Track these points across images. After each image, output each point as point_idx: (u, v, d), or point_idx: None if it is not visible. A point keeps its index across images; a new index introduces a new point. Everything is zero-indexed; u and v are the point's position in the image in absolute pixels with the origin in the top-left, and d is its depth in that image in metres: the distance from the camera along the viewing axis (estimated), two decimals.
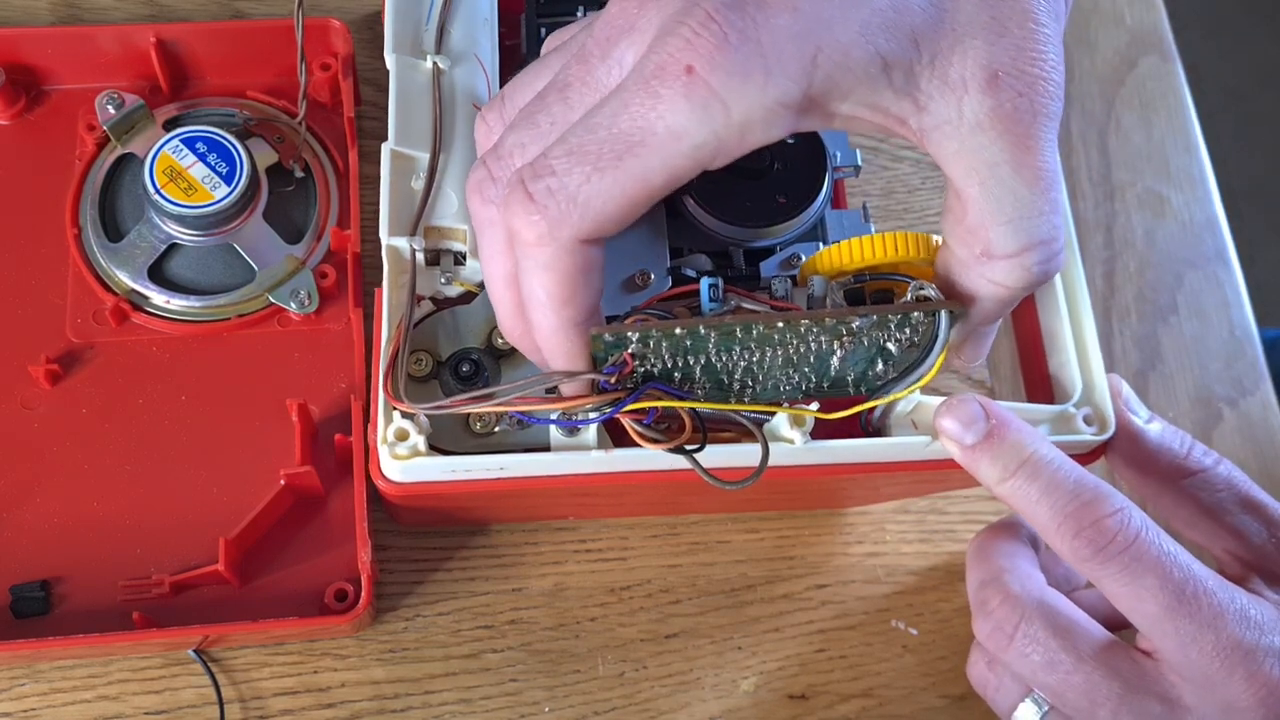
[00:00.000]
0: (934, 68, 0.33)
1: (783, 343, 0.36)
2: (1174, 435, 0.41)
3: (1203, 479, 0.41)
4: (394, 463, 0.40)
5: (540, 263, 0.34)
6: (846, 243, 0.39)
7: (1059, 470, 0.37)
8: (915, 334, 0.36)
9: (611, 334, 0.35)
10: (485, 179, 0.36)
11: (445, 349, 0.42)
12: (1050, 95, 0.34)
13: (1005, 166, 0.34)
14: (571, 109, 0.34)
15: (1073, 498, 0.37)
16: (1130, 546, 0.36)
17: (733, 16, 0.31)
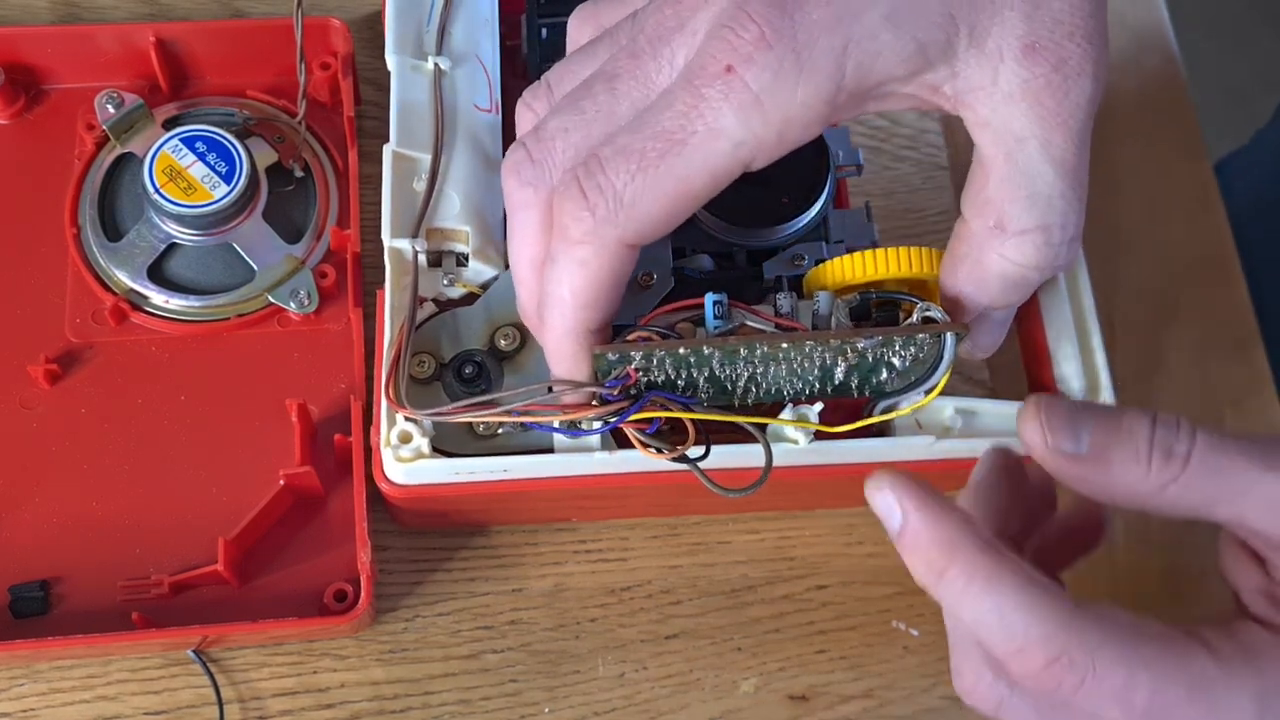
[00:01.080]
0: (972, 38, 0.33)
1: (787, 359, 0.36)
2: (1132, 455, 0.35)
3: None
4: (397, 465, 0.40)
5: (577, 259, 0.34)
6: (852, 256, 0.39)
7: (977, 604, 0.33)
8: (920, 350, 0.36)
9: (615, 353, 0.35)
10: (524, 160, 0.35)
11: (448, 351, 0.42)
12: (1085, 73, 0.33)
13: (1033, 142, 0.34)
14: (618, 100, 0.34)
15: (1003, 639, 0.33)
16: (1078, 691, 0.33)
17: (771, 15, 0.32)
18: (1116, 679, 0.33)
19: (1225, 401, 0.56)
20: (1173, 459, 0.34)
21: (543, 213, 0.35)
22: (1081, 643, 0.33)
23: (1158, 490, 0.34)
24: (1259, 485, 0.34)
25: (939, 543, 0.34)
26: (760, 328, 0.37)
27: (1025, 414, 0.35)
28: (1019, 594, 0.33)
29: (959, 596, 0.34)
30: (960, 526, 0.34)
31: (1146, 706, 0.33)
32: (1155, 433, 0.34)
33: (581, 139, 0.34)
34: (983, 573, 0.33)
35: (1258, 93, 1.55)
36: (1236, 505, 0.34)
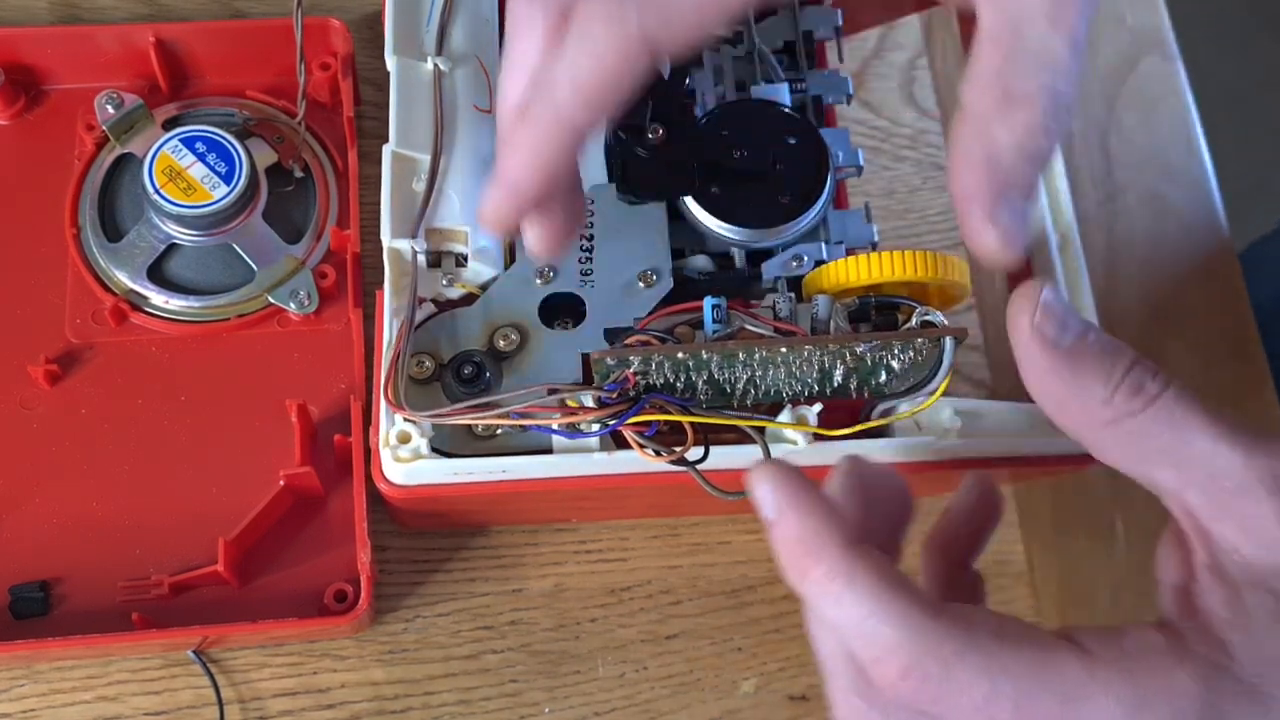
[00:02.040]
0: None
1: (785, 362, 0.36)
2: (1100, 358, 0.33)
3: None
4: (396, 465, 0.39)
5: (592, 45, 0.32)
6: (851, 260, 0.39)
7: (838, 606, 0.32)
8: (919, 354, 0.36)
9: (614, 357, 0.35)
10: None
11: (447, 351, 0.42)
12: None
13: (1041, 17, 0.32)
14: None
15: (861, 645, 0.32)
16: (936, 703, 0.31)
17: None
18: (977, 691, 0.31)
19: (1225, 401, 0.56)
20: (1139, 394, 0.32)
21: (548, 27, 0.33)
22: (936, 651, 0.31)
23: (1112, 421, 0.32)
24: (1209, 457, 0.31)
25: (805, 539, 0.32)
26: (759, 332, 0.37)
27: (1021, 293, 0.33)
28: (876, 596, 0.31)
29: (820, 597, 0.32)
30: (826, 523, 0.33)
31: (1012, 719, 0.31)
32: (1134, 365, 0.32)
33: None
34: (843, 572, 0.32)
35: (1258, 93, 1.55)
36: (1181, 471, 0.32)
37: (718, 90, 0.47)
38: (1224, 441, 0.31)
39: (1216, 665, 0.30)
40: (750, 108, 0.45)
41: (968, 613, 0.32)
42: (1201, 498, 0.32)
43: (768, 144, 0.43)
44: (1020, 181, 0.33)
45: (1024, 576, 0.52)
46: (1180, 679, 0.30)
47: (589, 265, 0.42)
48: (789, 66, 0.48)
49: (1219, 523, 0.32)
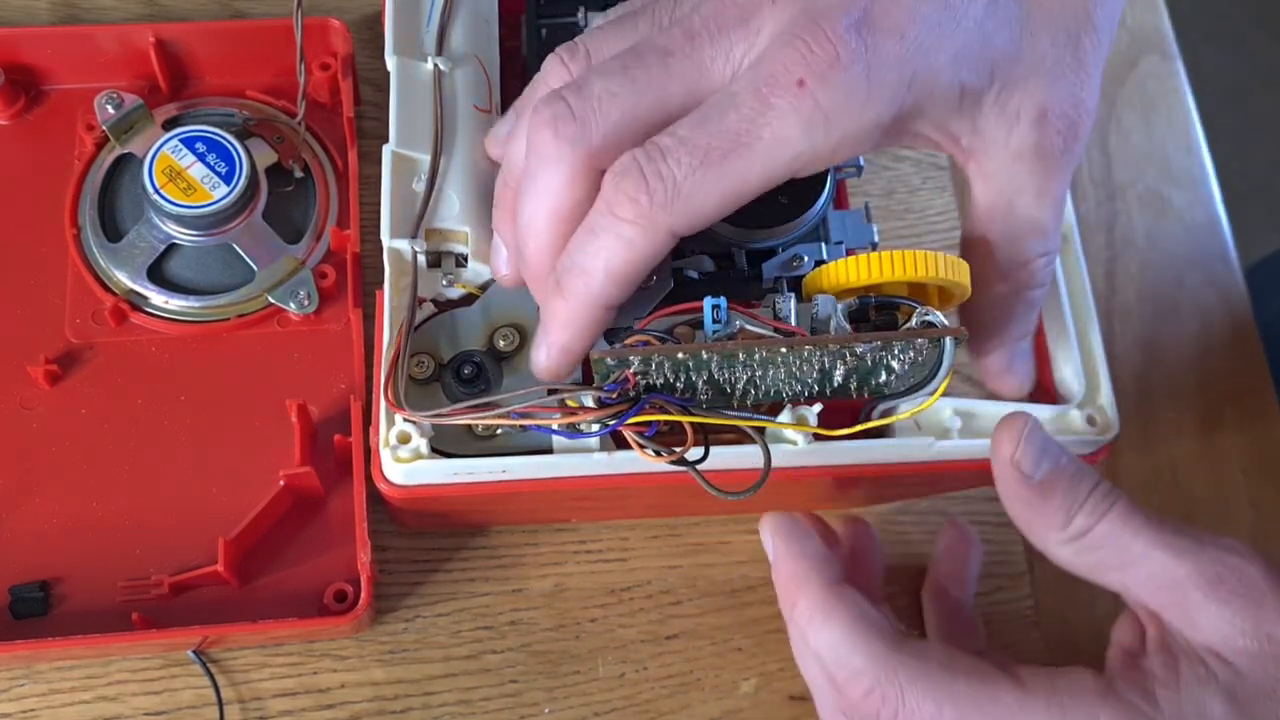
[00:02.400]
0: (998, 98, 0.36)
1: (785, 363, 0.36)
2: (1066, 483, 0.38)
3: None
4: (396, 466, 0.39)
5: (623, 237, 0.34)
6: (853, 259, 0.39)
7: (818, 634, 0.39)
8: (920, 354, 0.36)
9: (614, 357, 0.35)
10: (565, 114, 0.35)
11: (447, 351, 0.42)
12: (1082, 140, 0.37)
13: (1029, 192, 0.37)
14: (671, 77, 0.35)
15: (833, 668, 0.39)
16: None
17: (848, 38, 0.33)
18: (925, 712, 0.37)
19: (1225, 401, 0.56)
20: (1091, 516, 0.37)
21: (575, 170, 0.35)
22: (892, 676, 0.37)
23: (1062, 544, 0.38)
24: (1144, 560, 0.37)
25: (793, 578, 0.40)
26: (759, 332, 0.37)
27: (1008, 422, 0.39)
28: (847, 629, 0.38)
29: (804, 626, 0.39)
30: (811, 565, 0.40)
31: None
32: (1090, 495, 0.38)
33: (629, 106, 0.35)
34: (822, 607, 0.39)
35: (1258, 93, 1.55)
36: (1124, 574, 0.38)
37: None
38: (1156, 547, 0.37)
39: (1139, 712, 0.36)
40: None
41: (924, 648, 0.38)
42: (1144, 594, 0.38)
43: None
44: (1023, 331, 0.40)
45: (1024, 576, 0.52)
46: (1102, 714, 0.36)
47: None
48: None
49: (1166, 611, 0.37)
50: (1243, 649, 0.36)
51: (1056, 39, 0.36)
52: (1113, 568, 0.38)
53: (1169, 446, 0.55)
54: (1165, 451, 0.55)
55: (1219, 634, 0.36)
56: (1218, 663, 0.36)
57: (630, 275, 0.35)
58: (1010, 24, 0.35)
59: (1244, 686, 0.36)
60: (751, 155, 0.34)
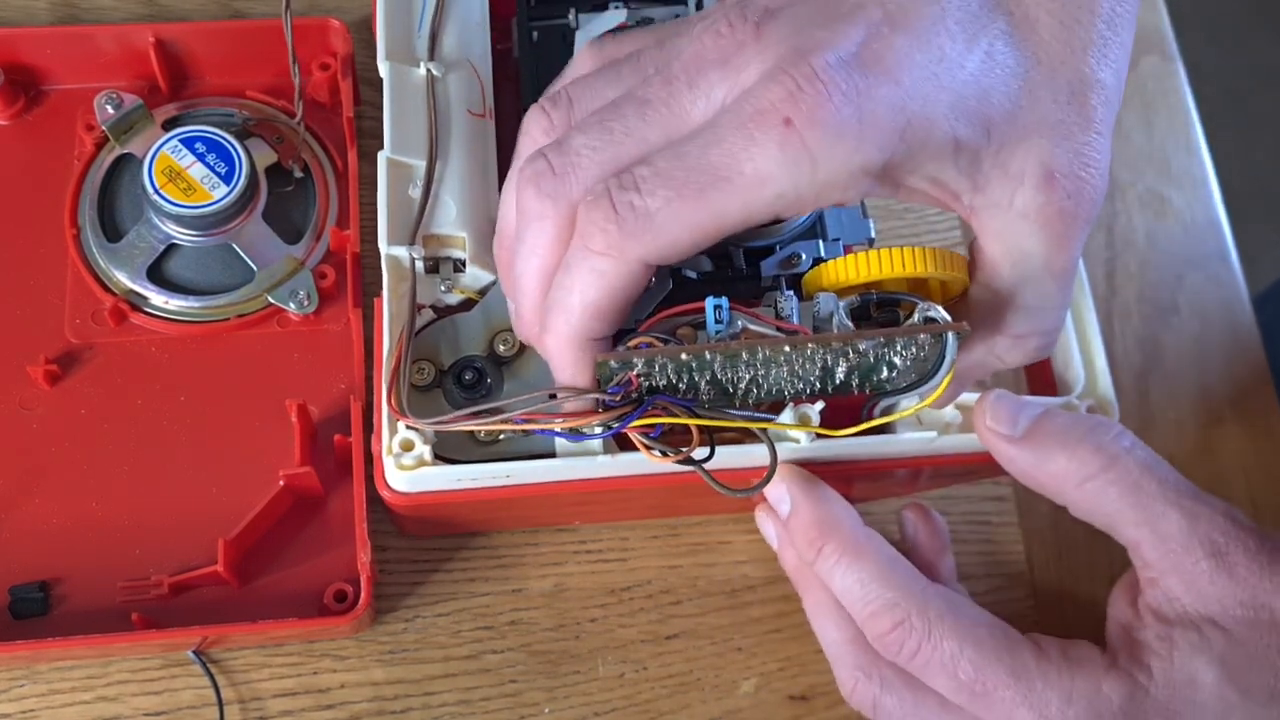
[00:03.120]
0: (998, 156, 0.34)
1: (789, 361, 0.36)
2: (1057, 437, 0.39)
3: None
4: (399, 473, 0.39)
5: (596, 269, 0.34)
6: (853, 256, 0.39)
7: (847, 573, 0.40)
8: (921, 350, 0.36)
9: (618, 360, 0.35)
10: (545, 172, 0.35)
11: (447, 357, 0.42)
12: (1094, 202, 0.35)
13: (1037, 259, 0.35)
14: (649, 126, 0.34)
15: (861, 604, 0.40)
16: (914, 658, 0.39)
17: (838, 77, 0.32)
18: (946, 649, 0.38)
19: (1225, 401, 0.56)
20: (1098, 456, 0.38)
21: (559, 226, 0.35)
22: (923, 612, 0.39)
23: (1077, 483, 0.38)
24: (1161, 519, 0.38)
25: (819, 523, 0.41)
26: (762, 331, 0.37)
27: (978, 404, 0.40)
28: (878, 566, 0.40)
29: (832, 568, 0.40)
30: (838, 510, 0.41)
31: (970, 681, 0.38)
32: (1089, 432, 0.38)
33: (610, 159, 0.34)
34: (852, 548, 0.40)
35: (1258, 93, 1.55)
36: (1139, 530, 0.38)
37: None
38: (1173, 506, 0.38)
39: (1136, 683, 0.38)
40: None
41: (953, 594, 0.40)
42: (1154, 554, 0.38)
43: None
44: (971, 379, 0.40)
45: (1024, 576, 0.52)
46: (1103, 688, 0.38)
47: None
48: None
49: (1166, 575, 0.38)
50: (1240, 618, 0.37)
51: (1059, 97, 0.34)
52: (1129, 522, 0.38)
53: (1169, 446, 0.55)
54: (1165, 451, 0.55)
55: (1219, 602, 0.37)
56: (1213, 630, 0.37)
57: (607, 308, 0.35)
58: (1008, 80, 0.34)
59: (1236, 655, 0.37)
60: (731, 190, 0.33)
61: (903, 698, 0.41)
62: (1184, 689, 0.37)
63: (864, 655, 0.42)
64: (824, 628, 0.43)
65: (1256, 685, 0.37)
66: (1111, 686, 0.37)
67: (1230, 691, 0.37)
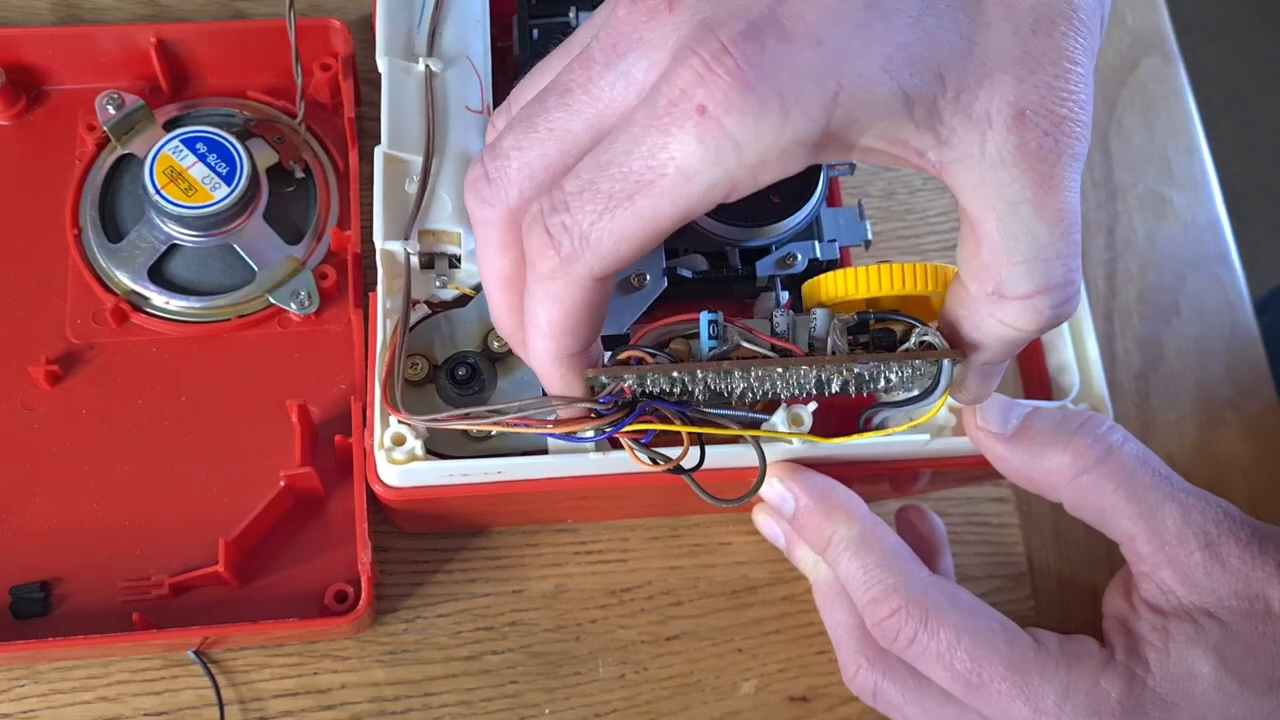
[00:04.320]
0: (958, 102, 0.31)
1: (783, 377, 0.36)
2: (1047, 436, 0.39)
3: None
4: (391, 468, 0.39)
5: (550, 293, 0.33)
6: (852, 271, 0.39)
7: (853, 560, 0.41)
8: (918, 371, 0.36)
9: (609, 377, 0.35)
10: (480, 178, 0.34)
11: (441, 353, 0.42)
12: (1077, 136, 0.32)
13: (1026, 205, 0.32)
14: (572, 116, 0.33)
15: (863, 590, 0.40)
16: (910, 646, 0.39)
17: (749, 50, 0.29)
18: (943, 639, 0.38)
19: (1225, 402, 0.56)
20: (1091, 451, 0.38)
21: (501, 231, 0.35)
22: (921, 600, 0.39)
23: (1070, 478, 0.38)
24: (1155, 513, 0.38)
25: (829, 513, 0.41)
26: (756, 349, 0.37)
27: (967, 407, 0.40)
28: (883, 554, 0.40)
29: (839, 555, 0.41)
30: (846, 500, 0.41)
31: (965, 671, 0.38)
32: (1079, 429, 0.38)
33: (536, 157, 0.33)
34: (862, 537, 0.40)
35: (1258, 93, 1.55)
36: (1134, 524, 0.38)
37: None
38: (1168, 500, 0.38)
39: (1133, 676, 0.38)
40: None
41: (956, 588, 0.40)
42: (1148, 547, 0.38)
43: None
44: (995, 361, 0.36)
45: (1024, 577, 0.52)
46: (1101, 682, 0.38)
47: None
48: None
49: (1160, 568, 0.38)
50: (1234, 608, 0.37)
51: (1020, 28, 0.31)
52: (1123, 516, 0.38)
53: (1169, 447, 0.55)
54: (1165, 452, 0.55)
55: (1214, 594, 0.37)
56: (1209, 621, 0.37)
57: (574, 324, 0.34)
58: (955, 15, 0.31)
59: (1233, 645, 0.37)
60: (659, 194, 0.31)
61: (904, 686, 0.41)
62: (1182, 681, 0.37)
63: (868, 642, 0.42)
64: (831, 612, 0.43)
65: (1254, 675, 0.37)
66: (1109, 680, 0.38)
67: (1229, 682, 0.37)
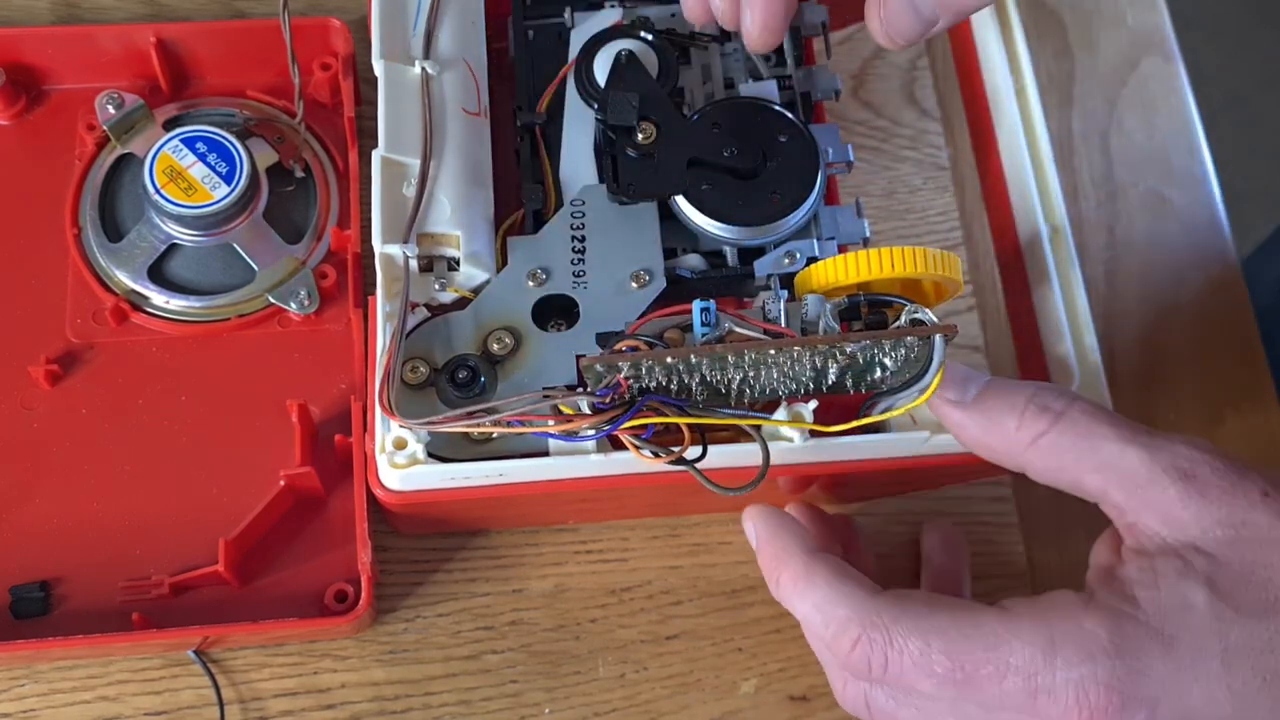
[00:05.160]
0: None
1: (777, 364, 0.36)
2: (1002, 402, 0.39)
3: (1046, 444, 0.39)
4: (393, 471, 0.39)
5: None
6: (842, 257, 0.39)
7: (801, 602, 0.39)
8: (911, 352, 0.36)
9: (604, 365, 0.35)
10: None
11: (441, 356, 0.42)
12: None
13: None
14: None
15: (821, 629, 0.39)
16: (885, 670, 0.37)
17: None
18: (913, 650, 0.37)
19: (1225, 402, 0.56)
20: (1045, 413, 0.37)
21: None
22: (876, 619, 0.37)
23: (1029, 442, 0.38)
24: (1121, 459, 0.37)
25: (775, 553, 0.41)
26: (748, 334, 0.37)
27: None
28: (828, 586, 0.39)
29: (790, 595, 0.40)
30: (791, 539, 0.41)
31: (947, 671, 0.36)
32: (1035, 393, 0.38)
33: None
34: (803, 572, 0.39)
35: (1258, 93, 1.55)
36: (1103, 475, 0.37)
37: (706, 89, 0.47)
38: (1130, 444, 0.37)
39: (1121, 613, 0.36)
40: (739, 105, 0.45)
41: (904, 593, 0.38)
42: (1121, 494, 0.37)
43: (758, 141, 0.43)
44: None
45: (1024, 576, 0.52)
46: (1086, 622, 0.36)
47: (581, 267, 0.42)
48: (777, 64, 0.48)
49: (1140, 514, 0.37)
50: (1220, 538, 0.36)
51: None
52: (1089, 470, 0.38)
53: None
54: None
55: (1197, 526, 0.36)
56: (1196, 555, 0.36)
57: None
58: None
59: (1224, 574, 0.36)
60: None
61: (893, 689, 0.40)
62: (1176, 613, 0.36)
63: (838, 659, 0.41)
64: (813, 641, 0.42)
65: (1249, 600, 0.36)
66: (1094, 621, 0.36)
67: (1224, 609, 0.36)
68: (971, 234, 0.57)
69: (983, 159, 0.50)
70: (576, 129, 0.45)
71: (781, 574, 0.40)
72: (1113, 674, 0.35)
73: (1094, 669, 0.35)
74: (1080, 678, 0.35)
